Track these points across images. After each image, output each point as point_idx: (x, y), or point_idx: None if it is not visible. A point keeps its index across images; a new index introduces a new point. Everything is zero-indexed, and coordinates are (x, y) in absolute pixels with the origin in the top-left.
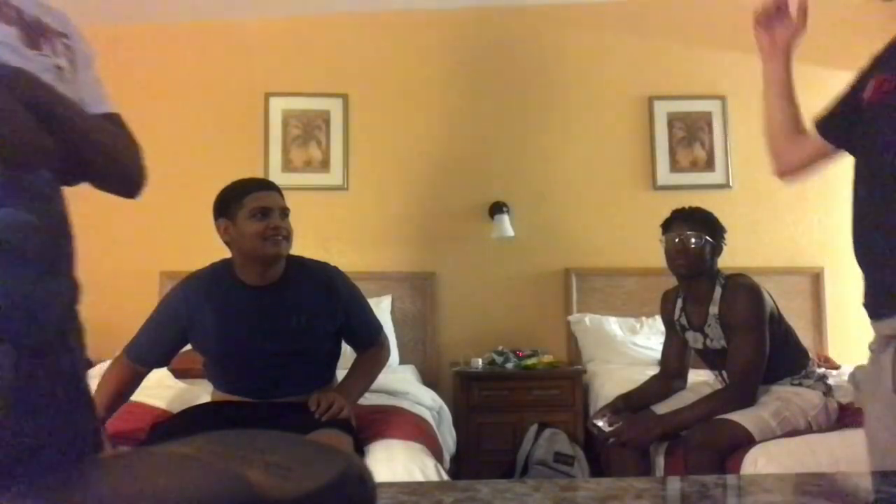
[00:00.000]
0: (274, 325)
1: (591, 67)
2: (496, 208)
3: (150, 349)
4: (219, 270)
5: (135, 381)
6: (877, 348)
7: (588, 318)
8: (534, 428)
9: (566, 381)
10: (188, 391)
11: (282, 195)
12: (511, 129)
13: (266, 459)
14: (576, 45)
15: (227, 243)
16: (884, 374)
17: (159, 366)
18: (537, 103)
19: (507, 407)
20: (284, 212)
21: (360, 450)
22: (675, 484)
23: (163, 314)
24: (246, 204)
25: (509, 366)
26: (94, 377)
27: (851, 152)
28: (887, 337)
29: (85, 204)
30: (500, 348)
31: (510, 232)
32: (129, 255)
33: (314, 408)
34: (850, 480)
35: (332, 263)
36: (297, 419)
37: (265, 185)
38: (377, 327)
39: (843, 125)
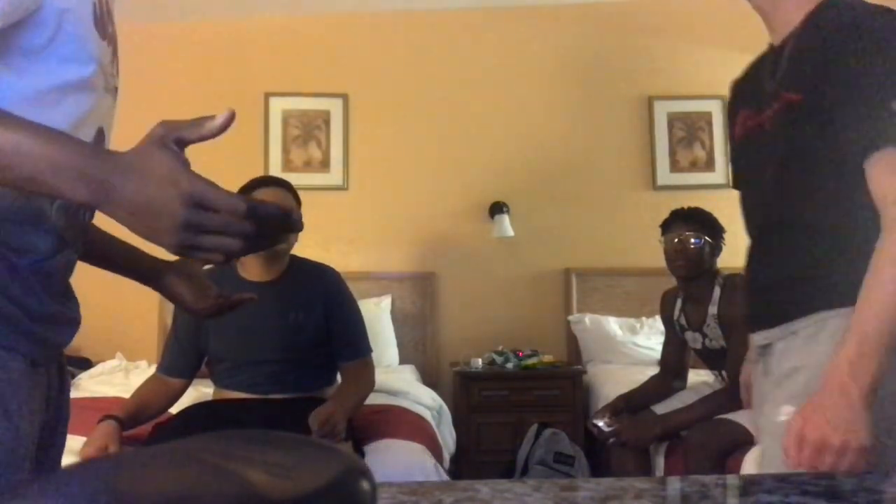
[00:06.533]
0: (271, 322)
1: (591, 67)
2: (496, 208)
3: (176, 358)
4: (224, 268)
5: (167, 392)
6: (753, 359)
7: (588, 318)
8: (534, 428)
9: (566, 381)
10: (189, 391)
11: (292, 193)
12: (511, 129)
13: (266, 459)
14: (576, 44)
15: None
16: (757, 383)
17: (188, 374)
18: (537, 103)
19: (507, 407)
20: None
21: (360, 450)
22: (675, 484)
23: (177, 320)
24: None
25: (509, 366)
26: (94, 377)
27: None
28: (760, 347)
29: None
30: (500, 348)
31: (510, 232)
32: None
33: (314, 426)
34: (851, 480)
35: (333, 263)
36: (297, 418)
37: (273, 182)
38: (362, 342)
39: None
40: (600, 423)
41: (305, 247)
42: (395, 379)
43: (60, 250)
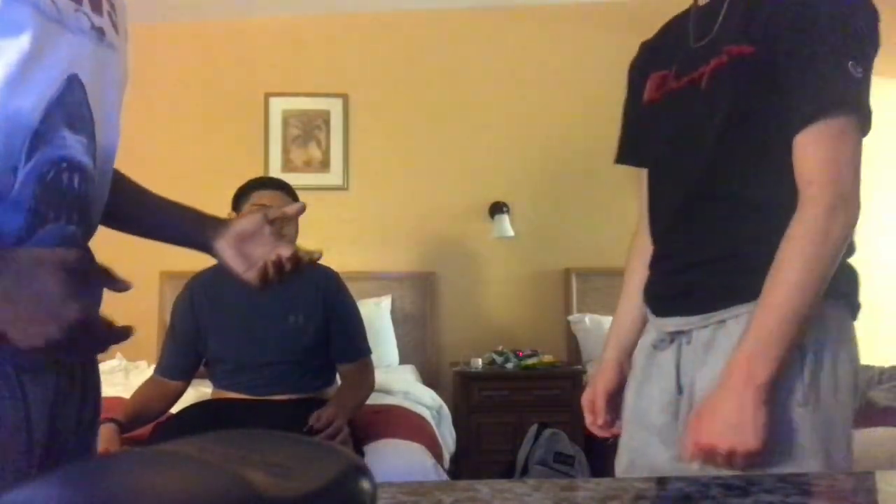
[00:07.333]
0: (271, 323)
1: (590, 67)
2: (496, 208)
3: (173, 360)
4: (221, 269)
5: (166, 394)
6: (658, 345)
7: (588, 318)
8: (534, 428)
9: (566, 381)
10: (189, 391)
11: (291, 195)
12: (511, 129)
13: (266, 459)
14: (576, 44)
15: None
16: (665, 372)
17: (187, 375)
18: (537, 103)
19: (507, 407)
20: None
21: (360, 450)
22: (675, 484)
23: (175, 321)
24: (250, 200)
25: (509, 366)
26: None
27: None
28: (671, 334)
29: None
30: (500, 348)
31: (510, 232)
32: (129, 255)
33: (314, 423)
34: (851, 480)
35: (333, 263)
36: (298, 419)
37: (272, 184)
38: (362, 343)
39: (637, 140)
40: None
41: (305, 247)
42: (395, 379)
43: (37, 228)
